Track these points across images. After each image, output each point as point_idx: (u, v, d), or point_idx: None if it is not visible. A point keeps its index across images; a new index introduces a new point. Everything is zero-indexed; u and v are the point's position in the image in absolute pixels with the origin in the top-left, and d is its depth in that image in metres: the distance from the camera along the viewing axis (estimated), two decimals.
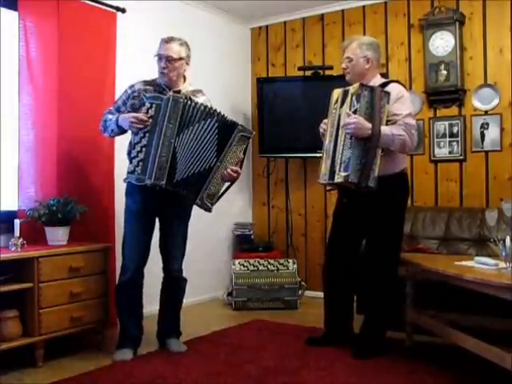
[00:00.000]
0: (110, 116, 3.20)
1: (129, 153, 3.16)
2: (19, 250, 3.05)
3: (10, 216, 3.25)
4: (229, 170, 3.11)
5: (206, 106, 3.07)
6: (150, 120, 3.00)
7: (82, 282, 3.25)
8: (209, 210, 3.13)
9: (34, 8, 3.39)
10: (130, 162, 3.07)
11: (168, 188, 3.01)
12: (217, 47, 5.05)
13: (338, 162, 2.98)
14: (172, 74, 3.16)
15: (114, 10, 3.93)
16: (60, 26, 3.52)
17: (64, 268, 3.15)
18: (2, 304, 2.92)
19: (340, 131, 3.01)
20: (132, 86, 3.22)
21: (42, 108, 3.44)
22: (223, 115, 3.11)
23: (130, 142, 3.18)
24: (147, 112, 3.02)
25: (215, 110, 3.09)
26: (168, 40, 3.21)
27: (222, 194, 3.18)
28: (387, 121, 3.05)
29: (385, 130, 2.99)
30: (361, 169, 2.91)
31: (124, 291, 3.19)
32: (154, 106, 3.02)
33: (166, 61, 3.14)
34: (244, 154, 3.19)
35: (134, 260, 3.18)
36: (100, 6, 3.82)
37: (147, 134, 3.01)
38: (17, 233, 3.10)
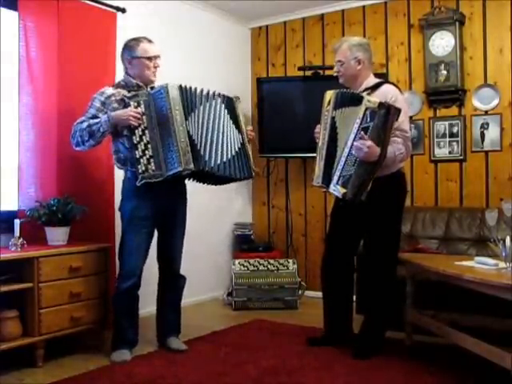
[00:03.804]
0: (96, 120, 3.06)
1: (124, 160, 3.11)
2: (19, 250, 3.05)
3: (10, 216, 3.24)
4: (249, 133, 3.31)
5: (202, 89, 3.11)
6: (144, 117, 3.00)
7: (81, 282, 3.24)
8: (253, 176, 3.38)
9: (34, 8, 3.39)
10: (138, 164, 2.99)
11: (207, 170, 3.05)
12: (217, 47, 5.06)
13: (338, 173, 2.95)
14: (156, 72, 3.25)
15: (114, 10, 3.93)
16: (60, 26, 3.52)
17: (64, 268, 3.15)
18: (2, 304, 2.92)
19: (341, 138, 2.98)
20: (102, 93, 3.15)
21: (42, 108, 3.44)
22: (223, 94, 3.21)
23: (118, 150, 3.13)
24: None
25: (214, 92, 3.15)
26: (150, 40, 3.25)
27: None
28: None
29: (389, 152, 2.97)
30: (359, 186, 2.89)
31: (126, 298, 3.16)
32: (141, 102, 3.02)
33: (157, 60, 3.21)
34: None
35: (138, 267, 3.16)
36: (100, 5, 3.82)
37: (146, 131, 3.00)
38: (17, 233, 3.10)
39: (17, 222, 3.12)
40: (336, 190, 2.95)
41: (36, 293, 3.00)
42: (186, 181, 3.31)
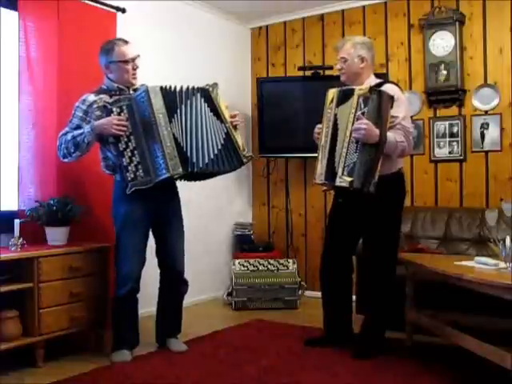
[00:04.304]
0: (80, 131, 3.02)
1: (113, 166, 3.10)
2: (19, 249, 3.05)
3: (10, 216, 3.25)
4: (233, 120, 3.18)
5: (181, 86, 3.04)
6: (128, 123, 2.96)
7: (81, 282, 3.24)
8: (250, 158, 3.27)
9: (34, 8, 3.39)
10: (126, 171, 2.97)
11: (197, 172, 3.01)
12: (217, 47, 5.06)
13: (342, 165, 2.93)
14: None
15: (114, 10, 3.93)
16: (60, 26, 3.52)
17: (64, 268, 3.15)
18: (2, 304, 2.92)
19: (341, 132, 2.99)
20: (84, 101, 3.10)
21: (42, 108, 3.43)
22: (200, 88, 3.10)
23: (106, 157, 3.11)
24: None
25: (193, 87, 3.07)
26: (126, 41, 3.18)
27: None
28: None
29: (390, 137, 2.98)
30: (365, 175, 2.89)
31: (126, 303, 3.15)
32: (124, 108, 2.97)
33: (136, 61, 3.14)
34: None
35: (135, 271, 3.14)
36: (100, 5, 3.82)
37: (132, 137, 2.97)
38: (17, 233, 3.10)
39: (17, 222, 3.12)
40: (343, 180, 2.92)
41: (36, 293, 3.00)
42: (178, 182, 3.26)
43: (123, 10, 3.99)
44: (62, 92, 3.52)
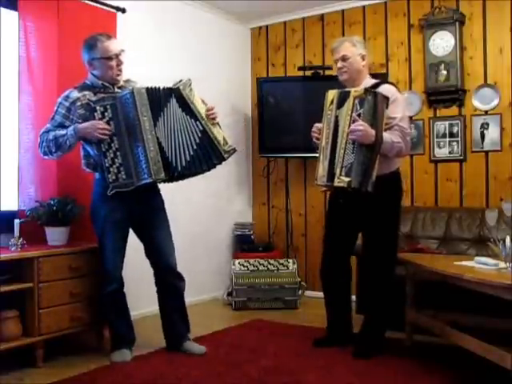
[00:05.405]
0: (62, 132, 2.97)
1: (94, 164, 3.06)
2: (19, 249, 3.05)
3: (9, 216, 3.25)
4: (209, 113, 3.04)
5: (163, 87, 2.98)
6: (111, 123, 2.92)
7: (81, 282, 3.24)
8: (233, 151, 3.10)
9: (34, 8, 3.39)
10: (108, 172, 2.93)
11: (177, 175, 2.98)
12: (217, 47, 5.06)
13: (339, 166, 2.95)
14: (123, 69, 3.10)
15: (114, 10, 3.93)
16: (60, 26, 3.53)
17: (64, 268, 3.15)
18: (2, 304, 2.92)
19: (340, 133, 2.99)
20: (67, 97, 3.04)
21: (42, 108, 3.43)
22: (170, 87, 3.00)
23: (88, 155, 3.07)
24: (103, 116, 2.93)
25: (170, 88, 2.99)
26: (109, 36, 3.10)
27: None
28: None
29: (386, 137, 3.00)
30: (362, 174, 2.90)
31: (114, 299, 3.15)
32: (108, 107, 2.92)
33: (121, 57, 3.06)
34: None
35: (118, 268, 3.15)
36: (100, 5, 3.83)
37: (115, 138, 2.92)
38: (17, 233, 3.10)
39: (17, 222, 3.13)
40: (341, 181, 2.94)
41: (36, 293, 3.00)
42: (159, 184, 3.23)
43: (123, 10, 3.99)
44: (61, 92, 3.49)
